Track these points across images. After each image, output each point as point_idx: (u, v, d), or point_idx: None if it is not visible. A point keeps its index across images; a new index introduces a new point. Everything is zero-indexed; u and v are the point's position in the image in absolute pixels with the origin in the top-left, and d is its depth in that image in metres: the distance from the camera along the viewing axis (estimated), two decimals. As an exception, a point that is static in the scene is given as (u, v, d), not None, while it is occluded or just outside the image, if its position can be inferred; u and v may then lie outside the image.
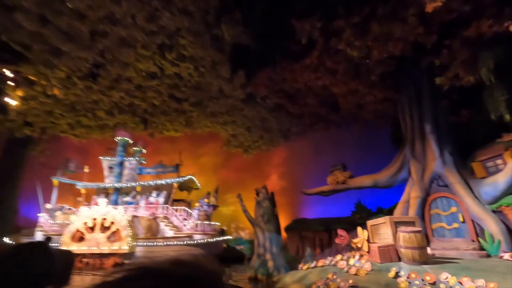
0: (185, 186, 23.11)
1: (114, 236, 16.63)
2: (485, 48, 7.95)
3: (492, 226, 7.57)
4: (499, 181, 7.94)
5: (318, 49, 10.67)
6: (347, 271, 6.03)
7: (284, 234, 23.02)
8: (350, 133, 18.83)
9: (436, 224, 9.00)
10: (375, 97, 11.85)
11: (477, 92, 9.32)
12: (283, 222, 26.02)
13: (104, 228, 16.66)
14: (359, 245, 6.91)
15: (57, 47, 13.95)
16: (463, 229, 8.29)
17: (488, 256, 7.40)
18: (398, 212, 9.69)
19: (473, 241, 8.00)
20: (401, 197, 13.47)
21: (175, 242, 16.99)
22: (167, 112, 23.34)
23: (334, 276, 5.89)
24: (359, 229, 7.03)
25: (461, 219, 8.45)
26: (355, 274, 5.78)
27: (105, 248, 16.08)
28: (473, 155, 9.22)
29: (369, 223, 7.90)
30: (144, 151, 23.91)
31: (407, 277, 5.40)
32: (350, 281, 5.51)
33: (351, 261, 6.33)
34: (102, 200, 17.31)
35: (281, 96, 17.92)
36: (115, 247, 16.16)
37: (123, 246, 16.16)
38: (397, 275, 5.59)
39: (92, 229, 16.64)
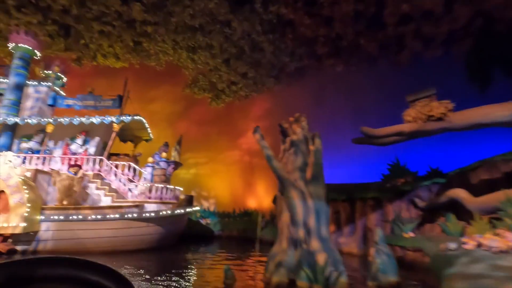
0: (130, 135, 15.82)
1: (-5, 204, 9.15)
2: None
3: None
4: None
5: None
6: None
7: (269, 205, 17.84)
8: (380, 73, 13.88)
9: None
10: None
11: None
12: (268, 190, 20.08)
13: (-27, 190, 9.01)
14: None
15: None
16: None
17: None
18: None
19: None
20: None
21: (114, 215, 10.29)
22: (104, 20, 15.12)
23: None
24: None
25: None
26: None
27: (-25, 226, 8.63)
28: None
29: None
30: (64, 78, 15.50)
31: None
32: None
33: None
34: (-30, 140, 9.42)
35: (296, 1, 11.79)
36: (-4, 223, 8.81)
37: (12, 222, 8.90)
38: None
39: None
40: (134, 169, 12.95)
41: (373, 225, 10.81)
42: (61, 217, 9.88)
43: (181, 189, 14.17)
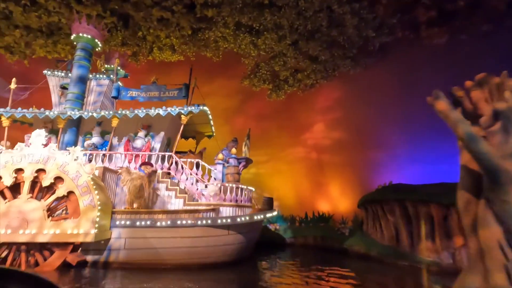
0: (192, 130, 14.40)
1: (63, 206, 7.92)
2: None
3: None
4: None
5: None
6: None
7: (349, 209, 15.38)
8: (505, 38, 10.79)
9: None
10: None
11: None
12: (345, 192, 17.53)
13: (42, 191, 7.86)
14: None
15: None
16: None
17: None
18: None
19: None
20: None
21: (192, 221, 8.62)
22: (164, 4, 13.89)
23: None
24: None
25: None
26: None
27: (44, 233, 7.41)
28: None
29: None
30: (123, 72, 14.52)
31: None
32: None
33: None
34: (37, 134, 8.32)
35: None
36: (65, 230, 7.52)
37: (82, 229, 7.55)
38: None
39: (13, 190, 7.78)
40: (203, 167, 11.31)
41: None
42: (134, 223, 8.44)
43: (253, 189, 12.31)
